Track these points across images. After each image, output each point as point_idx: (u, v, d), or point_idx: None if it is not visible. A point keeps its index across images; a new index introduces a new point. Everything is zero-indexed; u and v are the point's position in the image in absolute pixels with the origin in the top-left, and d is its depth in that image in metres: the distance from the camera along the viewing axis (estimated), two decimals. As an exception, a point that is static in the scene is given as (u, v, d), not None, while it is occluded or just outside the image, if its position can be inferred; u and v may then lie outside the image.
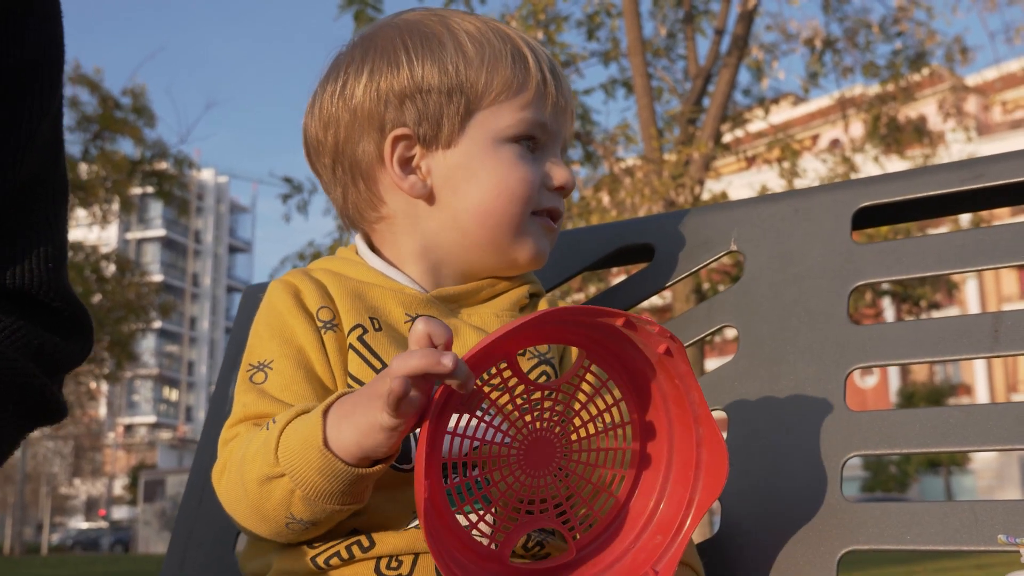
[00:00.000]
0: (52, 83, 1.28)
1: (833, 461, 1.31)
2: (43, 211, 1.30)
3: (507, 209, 1.31)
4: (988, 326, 1.29)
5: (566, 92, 1.37)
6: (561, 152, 1.39)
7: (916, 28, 14.00)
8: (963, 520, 1.22)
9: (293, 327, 1.25)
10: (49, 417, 1.27)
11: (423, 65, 1.32)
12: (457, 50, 1.33)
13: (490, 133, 1.31)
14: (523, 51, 1.34)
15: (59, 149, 1.33)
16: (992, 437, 1.24)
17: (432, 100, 1.31)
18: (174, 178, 21.74)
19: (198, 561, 1.62)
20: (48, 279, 1.27)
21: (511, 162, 1.31)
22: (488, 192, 1.31)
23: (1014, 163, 1.35)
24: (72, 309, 1.31)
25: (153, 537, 44.14)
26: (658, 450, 1.12)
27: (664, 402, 1.10)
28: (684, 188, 11.17)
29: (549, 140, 1.35)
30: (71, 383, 25.70)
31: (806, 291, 1.42)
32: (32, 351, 1.23)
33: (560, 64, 1.42)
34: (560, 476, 1.08)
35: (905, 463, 38.10)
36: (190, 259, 79.96)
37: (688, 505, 1.10)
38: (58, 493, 53.00)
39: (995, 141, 36.39)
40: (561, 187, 1.34)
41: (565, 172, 1.35)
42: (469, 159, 1.32)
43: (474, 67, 1.31)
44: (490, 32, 1.35)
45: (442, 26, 1.35)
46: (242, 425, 1.20)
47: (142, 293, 23.30)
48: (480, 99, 1.31)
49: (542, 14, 11.73)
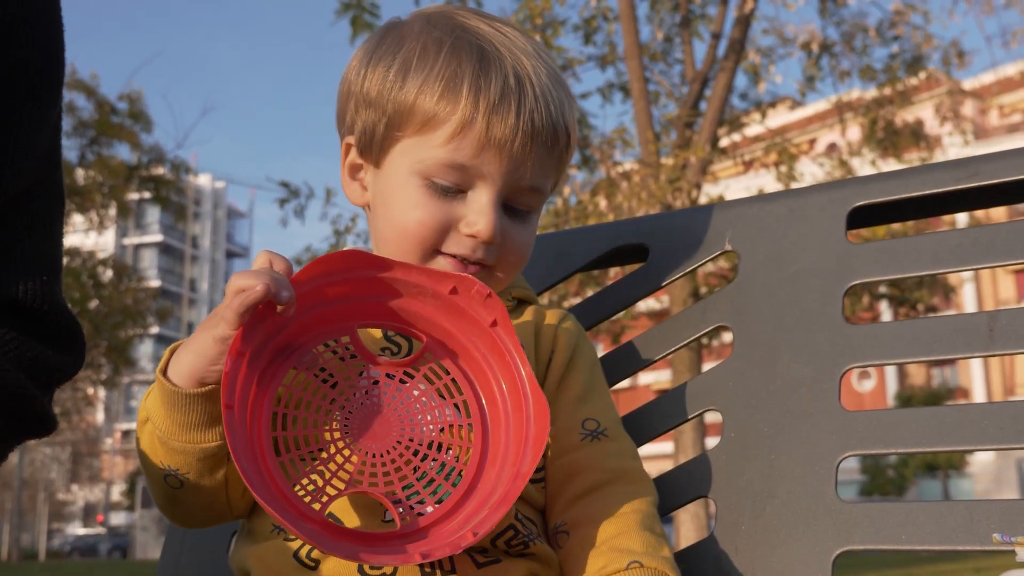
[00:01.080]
0: (51, 94, 1.27)
1: (828, 461, 1.31)
2: (39, 222, 1.30)
3: (402, 246, 1.27)
4: (983, 325, 1.28)
5: (521, 131, 1.22)
6: (520, 194, 1.27)
7: (913, 32, 14.01)
8: (959, 520, 1.21)
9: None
10: (38, 430, 1.27)
11: (374, 75, 1.30)
12: (402, 67, 1.27)
13: (406, 163, 1.26)
14: (467, 81, 1.22)
15: (57, 160, 1.33)
16: (988, 437, 1.24)
17: (371, 116, 1.30)
18: (171, 183, 21.73)
19: (192, 567, 1.62)
20: (42, 291, 1.27)
21: (411, 201, 1.25)
22: (392, 224, 1.28)
23: (1008, 162, 1.35)
24: (65, 321, 1.31)
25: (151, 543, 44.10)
26: (496, 428, 1.15)
27: (496, 377, 1.16)
28: (681, 192, 11.17)
29: (478, 181, 1.24)
30: (68, 389, 25.69)
31: (801, 291, 1.41)
32: (24, 364, 1.23)
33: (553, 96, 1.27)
34: (403, 452, 1.10)
35: (903, 466, 38.09)
36: (187, 264, 79.88)
37: (515, 477, 1.10)
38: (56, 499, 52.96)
39: (992, 145, 36.40)
40: (472, 236, 1.24)
41: (483, 221, 1.23)
42: (388, 184, 1.29)
43: (405, 89, 1.25)
44: (450, 48, 1.25)
45: (420, 30, 1.30)
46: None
47: (139, 298, 23.28)
48: (403, 126, 1.26)
49: (539, 18, 11.75)
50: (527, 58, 1.26)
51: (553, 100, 1.26)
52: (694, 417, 1.43)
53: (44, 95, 1.26)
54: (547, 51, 1.33)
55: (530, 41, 1.30)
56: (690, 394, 1.44)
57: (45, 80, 1.27)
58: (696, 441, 10.58)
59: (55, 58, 1.29)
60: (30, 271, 1.27)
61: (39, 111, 1.26)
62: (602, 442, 1.28)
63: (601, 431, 1.29)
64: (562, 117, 1.27)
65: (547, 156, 1.27)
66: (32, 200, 1.28)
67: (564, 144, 1.29)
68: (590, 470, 1.25)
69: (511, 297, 1.38)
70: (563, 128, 1.27)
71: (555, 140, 1.27)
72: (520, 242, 1.29)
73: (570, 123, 1.29)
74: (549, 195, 1.34)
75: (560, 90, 1.28)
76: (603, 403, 1.32)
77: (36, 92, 1.25)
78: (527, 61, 1.26)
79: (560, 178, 1.36)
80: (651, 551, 1.15)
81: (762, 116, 14.22)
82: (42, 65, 1.26)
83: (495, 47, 1.25)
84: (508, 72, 1.23)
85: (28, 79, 1.24)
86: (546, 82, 1.26)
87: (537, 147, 1.24)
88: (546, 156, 1.27)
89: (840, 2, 13.96)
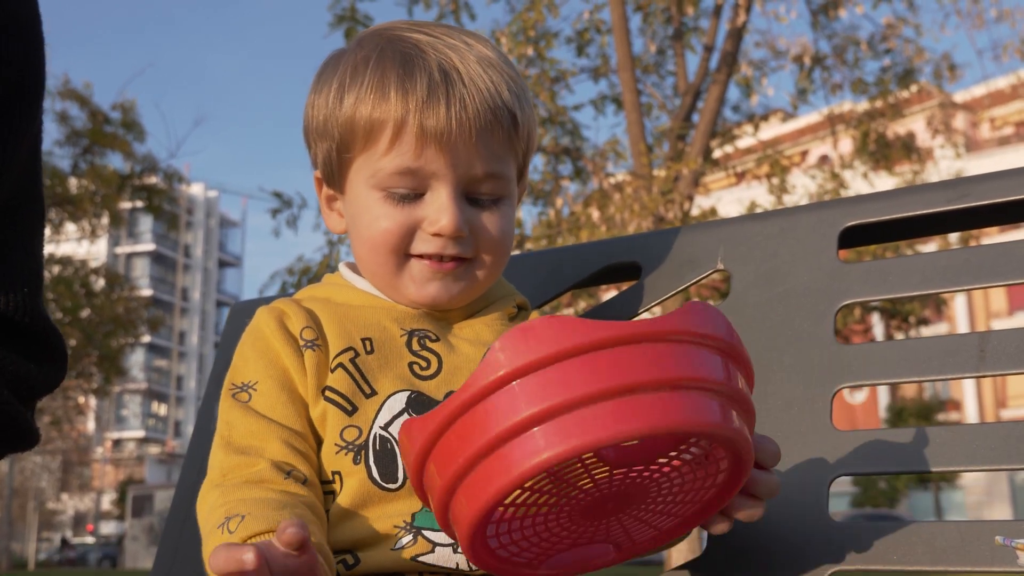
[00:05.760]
0: (31, 106, 1.27)
1: (820, 481, 1.31)
2: (19, 236, 1.29)
3: (373, 258, 1.29)
4: (974, 346, 1.29)
5: (455, 120, 1.22)
6: (478, 184, 1.27)
7: (904, 45, 14.09)
8: (951, 540, 1.22)
9: (277, 350, 1.25)
10: (20, 445, 1.27)
11: (319, 103, 1.32)
12: (339, 89, 1.29)
13: (362, 181, 1.28)
14: (393, 84, 1.23)
15: (37, 173, 1.33)
16: (979, 457, 1.24)
17: (325, 145, 1.32)
18: (164, 192, 21.72)
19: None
20: (24, 304, 1.27)
21: (375, 215, 1.27)
22: (363, 241, 1.29)
23: (999, 183, 1.35)
24: (47, 334, 1.31)
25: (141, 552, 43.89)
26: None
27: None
28: (673, 204, 11.19)
29: (431, 181, 1.25)
30: (59, 397, 25.60)
31: (793, 310, 1.42)
32: (6, 378, 1.22)
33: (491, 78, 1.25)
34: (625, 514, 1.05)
35: (895, 479, 38.10)
36: (179, 273, 79.70)
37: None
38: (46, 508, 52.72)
39: (983, 157, 36.53)
40: (437, 234, 1.25)
41: (445, 216, 1.24)
42: (354, 205, 1.31)
43: (343, 109, 1.27)
44: (375, 60, 1.26)
45: (352, 52, 1.31)
46: (222, 453, 1.19)
47: (131, 307, 23.23)
48: (350, 146, 1.28)
49: (532, 30, 11.78)
50: (452, 51, 1.26)
51: (485, 84, 1.24)
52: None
53: (25, 108, 1.26)
54: (485, 40, 1.32)
55: (463, 34, 1.30)
56: (682, 413, 1.44)
57: (26, 93, 1.27)
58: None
59: (35, 72, 1.29)
60: (11, 284, 1.26)
61: (19, 125, 1.25)
62: None
63: None
64: (499, 98, 1.25)
65: (491, 140, 1.25)
66: (12, 213, 1.28)
67: (509, 124, 1.26)
68: None
69: (515, 304, 1.39)
70: (502, 109, 1.25)
71: (496, 122, 1.25)
72: (495, 229, 1.28)
73: (510, 102, 1.26)
74: (516, 178, 1.33)
75: (495, 72, 1.26)
76: None
77: (16, 106, 1.25)
78: (452, 54, 1.25)
79: (526, 160, 1.35)
80: None
81: (754, 128, 14.28)
82: (22, 79, 1.26)
83: (419, 49, 1.26)
84: (432, 68, 1.23)
85: (8, 93, 1.24)
86: (476, 68, 1.25)
87: (478, 133, 1.23)
88: (490, 140, 1.25)
89: (832, 15, 14.02)
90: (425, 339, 1.28)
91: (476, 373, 0.91)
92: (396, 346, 1.26)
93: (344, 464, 1.20)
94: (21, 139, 1.25)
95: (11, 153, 1.24)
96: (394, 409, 1.22)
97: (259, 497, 1.10)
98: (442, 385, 1.25)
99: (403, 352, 1.26)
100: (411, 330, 1.28)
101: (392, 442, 1.20)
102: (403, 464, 1.18)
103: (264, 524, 1.05)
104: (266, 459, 1.16)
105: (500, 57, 1.30)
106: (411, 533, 1.17)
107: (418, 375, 1.25)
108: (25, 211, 1.31)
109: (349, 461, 1.19)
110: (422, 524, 1.18)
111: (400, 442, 1.02)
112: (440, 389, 1.24)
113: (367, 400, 1.22)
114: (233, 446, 1.18)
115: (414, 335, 1.28)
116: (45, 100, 1.33)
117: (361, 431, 1.20)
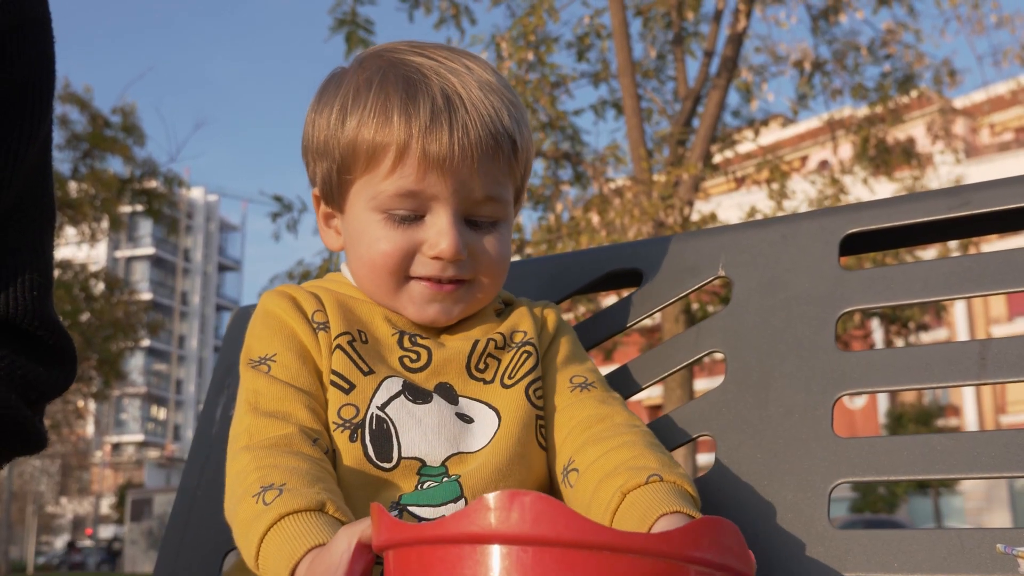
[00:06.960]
0: (42, 108, 1.27)
1: (820, 488, 1.31)
2: (28, 237, 1.29)
3: (372, 279, 1.31)
4: (975, 353, 1.29)
5: (458, 146, 1.23)
6: (477, 207, 1.29)
7: (905, 51, 14.10)
8: (951, 547, 1.22)
9: (292, 326, 1.28)
10: (29, 448, 1.27)
11: (319, 123, 1.33)
12: (340, 111, 1.30)
13: (362, 203, 1.30)
14: (396, 109, 1.25)
15: (47, 174, 1.33)
16: (980, 465, 1.24)
17: (325, 165, 1.34)
18: (164, 196, 21.73)
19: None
20: (33, 307, 1.26)
21: (374, 236, 1.28)
22: (363, 261, 1.31)
23: (1000, 191, 1.35)
24: (55, 337, 1.31)
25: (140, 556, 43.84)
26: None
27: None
28: (673, 209, 11.19)
29: (432, 203, 1.26)
30: (59, 402, 25.57)
31: (794, 317, 1.42)
32: (15, 381, 1.22)
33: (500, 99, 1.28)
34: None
35: (894, 484, 38.03)
36: (179, 277, 79.70)
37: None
38: (45, 512, 52.67)
39: (983, 163, 36.55)
40: (437, 257, 1.27)
41: (445, 240, 1.25)
42: (353, 225, 1.33)
43: (346, 131, 1.29)
44: (378, 84, 1.28)
45: (354, 73, 1.33)
46: (251, 416, 1.19)
47: (131, 311, 23.19)
48: (351, 168, 1.30)
49: (532, 35, 11.78)
50: (455, 76, 1.27)
51: (487, 109, 1.26)
52: (687, 443, 1.44)
53: (35, 109, 1.27)
54: (485, 64, 1.34)
55: (464, 57, 1.32)
56: (683, 419, 1.44)
57: (36, 94, 1.27)
58: (688, 467, 10.57)
59: (46, 72, 1.29)
60: (20, 286, 1.26)
61: (29, 125, 1.26)
62: (591, 391, 1.33)
63: (589, 383, 1.34)
64: (500, 124, 1.27)
65: (492, 165, 1.28)
66: (22, 215, 1.28)
67: (509, 149, 1.29)
68: (585, 411, 1.30)
69: (500, 300, 1.42)
70: (503, 134, 1.28)
71: (496, 148, 1.27)
72: (493, 251, 1.31)
73: (511, 128, 1.29)
74: (514, 201, 1.36)
75: (496, 98, 1.28)
76: (588, 365, 1.39)
77: (26, 106, 1.25)
78: (454, 79, 1.27)
79: (523, 183, 1.37)
80: (668, 468, 1.16)
81: (754, 133, 14.28)
82: (33, 79, 1.26)
83: (421, 73, 1.27)
84: (436, 93, 1.25)
85: (19, 93, 1.24)
86: (477, 94, 1.27)
87: (479, 158, 1.25)
88: (491, 165, 1.27)
89: (832, 21, 14.02)
90: (416, 337, 1.32)
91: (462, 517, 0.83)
92: (388, 343, 1.30)
93: (340, 441, 1.22)
94: (31, 139, 1.26)
95: (22, 153, 1.24)
96: (391, 390, 1.25)
97: (293, 466, 1.11)
98: (431, 377, 1.28)
99: (394, 347, 1.30)
100: (401, 330, 1.32)
101: (388, 422, 1.23)
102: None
103: (302, 501, 1.05)
104: (294, 424, 1.18)
105: (500, 81, 1.32)
106: (396, 510, 1.19)
107: (408, 368, 1.28)
108: (33, 213, 1.31)
109: (345, 439, 1.22)
110: (408, 501, 1.20)
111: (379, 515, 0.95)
112: (430, 380, 1.28)
113: (365, 378, 1.25)
114: (261, 410, 1.20)
115: (404, 334, 1.32)
116: None
117: (358, 410, 1.23)
